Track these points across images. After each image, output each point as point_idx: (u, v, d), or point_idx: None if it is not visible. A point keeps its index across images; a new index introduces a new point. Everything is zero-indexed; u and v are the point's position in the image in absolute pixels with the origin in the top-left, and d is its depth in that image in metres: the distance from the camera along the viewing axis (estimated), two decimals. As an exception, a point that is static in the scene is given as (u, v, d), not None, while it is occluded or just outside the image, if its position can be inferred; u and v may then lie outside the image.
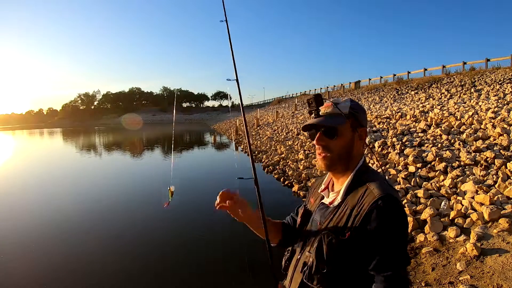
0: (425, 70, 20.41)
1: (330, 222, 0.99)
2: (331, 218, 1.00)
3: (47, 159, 16.19)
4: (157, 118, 72.26)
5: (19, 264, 4.09)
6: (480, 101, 9.49)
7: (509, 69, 14.08)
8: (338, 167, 1.03)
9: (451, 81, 15.62)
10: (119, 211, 6.35)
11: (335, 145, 1.01)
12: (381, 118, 10.42)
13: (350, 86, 28.18)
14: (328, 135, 1.01)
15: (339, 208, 0.99)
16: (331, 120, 1.01)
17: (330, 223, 0.99)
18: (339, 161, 1.03)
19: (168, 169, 11.50)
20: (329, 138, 1.01)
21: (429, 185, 4.55)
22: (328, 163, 1.02)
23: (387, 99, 16.21)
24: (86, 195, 7.68)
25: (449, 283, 2.63)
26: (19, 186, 9.05)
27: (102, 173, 11.22)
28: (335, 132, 1.01)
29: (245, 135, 1.22)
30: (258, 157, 11.07)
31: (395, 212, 0.89)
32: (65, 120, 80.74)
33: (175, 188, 1.15)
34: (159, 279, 3.59)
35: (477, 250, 2.83)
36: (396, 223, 0.89)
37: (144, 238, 4.84)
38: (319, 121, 1.02)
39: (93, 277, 3.71)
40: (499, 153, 4.99)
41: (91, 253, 4.35)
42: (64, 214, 6.10)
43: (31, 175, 11.11)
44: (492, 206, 3.41)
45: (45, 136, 36.85)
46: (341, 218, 0.96)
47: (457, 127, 7.13)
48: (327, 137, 1.01)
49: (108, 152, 18.17)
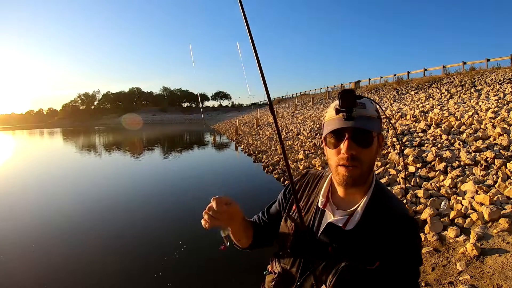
0: (425, 70, 20.41)
1: (349, 249, 0.83)
2: (349, 243, 0.84)
3: (47, 159, 16.19)
4: (157, 118, 72.22)
5: (19, 264, 4.09)
6: (480, 101, 9.49)
7: (509, 69, 14.08)
8: (362, 182, 0.88)
9: (451, 81, 15.62)
10: (119, 211, 6.35)
11: (367, 155, 0.84)
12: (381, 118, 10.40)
13: (350, 86, 28.19)
14: (363, 143, 0.83)
15: (357, 232, 0.85)
16: (368, 123, 0.83)
17: (349, 249, 0.83)
18: (366, 175, 0.87)
19: (168, 169, 11.50)
20: (362, 147, 0.83)
21: (429, 185, 4.55)
22: (357, 178, 0.85)
23: (387, 99, 16.21)
24: (86, 195, 7.68)
25: (449, 283, 2.63)
26: (19, 186, 9.05)
27: (102, 173, 11.22)
28: (371, 139, 0.84)
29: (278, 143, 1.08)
30: (258, 157, 11.07)
31: (418, 238, 0.86)
32: (65, 120, 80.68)
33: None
34: (159, 279, 3.59)
35: (477, 250, 2.83)
36: (420, 249, 0.87)
37: (144, 238, 4.84)
38: (356, 124, 0.81)
39: (93, 277, 3.71)
40: (499, 153, 4.99)
41: (91, 253, 4.35)
42: (64, 214, 6.10)
43: (31, 175, 11.11)
44: (492, 206, 3.41)
45: (45, 136, 36.85)
46: (362, 244, 0.83)
47: (457, 127, 7.13)
48: (360, 146, 0.83)
49: (108, 152, 18.16)
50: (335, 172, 0.87)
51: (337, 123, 0.83)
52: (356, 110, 0.82)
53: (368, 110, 0.85)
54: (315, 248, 0.89)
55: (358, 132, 0.82)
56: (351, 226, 0.86)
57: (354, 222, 0.86)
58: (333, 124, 0.85)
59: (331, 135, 0.85)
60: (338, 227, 0.87)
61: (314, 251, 0.88)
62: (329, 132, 0.85)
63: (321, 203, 0.94)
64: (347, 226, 0.86)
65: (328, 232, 0.88)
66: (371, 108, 0.86)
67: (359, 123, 0.82)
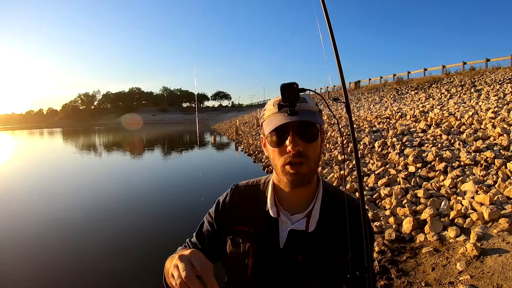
0: (425, 70, 20.44)
1: (321, 249, 0.82)
2: (316, 244, 0.82)
3: (47, 159, 16.19)
4: (157, 118, 72.30)
5: (19, 264, 4.09)
6: (480, 101, 9.49)
7: (509, 69, 14.09)
8: (310, 179, 0.82)
9: (451, 81, 15.63)
10: (119, 210, 6.35)
11: (313, 150, 0.80)
12: (381, 118, 10.42)
13: (350, 86, 28.19)
14: (308, 137, 0.78)
15: (320, 230, 0.83)
16: (312, 116, 0.78)
17: (322, 250, 0.82)
18: (314, 172, 0.82)
19: (168, 169, 11.51)
20: (308, 141, 0.78)
21: (429, 185, 4.55)
22: (306, 175, 0.80)
23: (387, 99, 16.21)
24: (86, 195, 7.69)
25: (449, 283, 2.63)
26: (19, 186, 9.06)
27: (102, 173, 11.22)
28: (317, 133, 0.80)
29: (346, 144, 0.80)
30: (258, 157, 11.08)
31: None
32: (65, 120, 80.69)
33: None
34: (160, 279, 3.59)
35: (477, 250, 2.84)
36: None
37: (144, 238, 4.85)
38: (300, 118, 0.76)
39: (93, 277, 3.71)
40: (499, 153, 4.99)
41: (91, 252, 4.35)
42: (64, 214, 6.10)
43: (31, 175, 11.11)
44: (492, 206, 3.41)
45: (45, 136, 36.85)
46: (329, 241, 0.83)
47: (457, 127, 7.13)
48: (306, 141, 0.78)
49: (108, 152, 18.17)
50: (282, 172, 0.80)
51: (280, 119, 0.76)
52: (299, 105, 0.77)
53: (310, 104, 0.80)
54: (283, 262, 0.82)
55: (303, 127, 0.77)
56: (313, 226, 0.82)
57: (315, 222, 0.83)
58: (275, 121, 0.77)
59: (274, 133, 0.78)
60: (301, 231, 0.82)
61: (283, 266, 0.82)
62: (272, 130, 0.78)
63: (273, 212, 0.85)
64: (309, 228, 0.82)
65: (291, 240, 0.82)
66: (312, 102, 0.81)
67: (304, 116, 0.76)
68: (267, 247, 0.84)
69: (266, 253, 0.83)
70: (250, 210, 0.88)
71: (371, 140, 7.69)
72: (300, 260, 0.81)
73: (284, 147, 0.78)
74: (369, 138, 7.89)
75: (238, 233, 0.87)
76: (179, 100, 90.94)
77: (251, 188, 0.94)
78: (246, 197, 0.92)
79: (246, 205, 0.89)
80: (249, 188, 0.94)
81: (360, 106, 16.13)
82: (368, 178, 5.47)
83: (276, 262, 0.83)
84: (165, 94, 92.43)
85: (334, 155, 7.61)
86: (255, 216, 0.87)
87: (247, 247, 0.85)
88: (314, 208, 0.85)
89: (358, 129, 9.70)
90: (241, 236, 0.87)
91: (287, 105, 0.76)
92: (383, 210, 4.27)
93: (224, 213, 0.92)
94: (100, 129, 47.62)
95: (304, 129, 0.77)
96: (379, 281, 2.81)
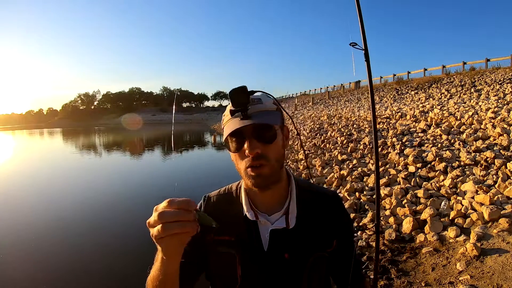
0: (425, 70, 20.43)
1: (306, 243, 0.83)
2: (302, 239, 0.83)
3: (46, 159, 16.19)
4: (157, 118, 72.22)
5: (19, 264, 4.09)
6: (480, 101, 9.49)
7: (509, 69, 14.08)
8: (276, 179, 0.82)
9: (451, 81, 15.62)
10: (120, 210, 6.35)
11: (273, 150, 0.79)
12: (381, 118, 10.42)
13: (350, 86, 28.19)
14: (265, 139, 0.77)
15: (301, 225, 0.83)
16: (267, 116, 0.78)
17: (306, 244, 0.83)
18: (278, 170, 0.82)
19: (168, 169, 11.50)
20: (266, 142, 0.77)
21: (429, 185, 4.55)
22: (269, 176, 0.78)
23: (387, 99, 16.21)
24: (86, 195, 7.68)
25: (449, 283, 2.63)
26: (19, 186, 9.05)
27: (102, 173, 11.22)
28: (274, 133, 0.79)
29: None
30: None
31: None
32: (65, 120, 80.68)
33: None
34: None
35: (477, 250, 2.83)
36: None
37: (144, 238, 4.84)
38: (254, 121, 0.75)
39: (93, 276, 3.71)
40: (499, 153, 4.99)
41: (91, 252, 4.35)
42: (63, 214, 6.09)
43: (31, 175, 11.11)
44: (492, 206, 3.41)
45: (45, 136, 36.85)
46: (312, 233, 0.84)
47: (457, 127, 7.13)
48: (263, 142, 0.77)
49: (107, 152, 18.17)
50: (245, 176, 0.80)
51: (234, 124, 0.76)
52: (252, 107, 0.77)
53: (265, 105, 0.79)
54: (271, 264, 0.82)
55: (258, 129, 0.76)
56: (293, 222, 0.83)
57: (294, 218, 0.83)
58: (231, 126, 0.77)
59: (232, 138, 0.78)
60: (282, 229, 0.82)
61: (271, 267, 0.82)
62: (228, 135, 0.78)
63: (250, 216, 0.84)
64: (290, 224, 0.83)
65: (274, 240, 0.82)
66: (268, 102, 0.80)
67: (258, 119, 0.76)
68: (252, 252, 0.83)
69: (252, 258, 0.83)
70: (227, 218, 0.86)
71: (371, 140, 7.69)
72: (287, 258, 0.82)
73: (243, 151, 0.77)
74: (369, 138, 7.89)
75: (220, 243, 0.86)
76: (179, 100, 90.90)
77: (223, 196, 0.94)
78: (221, 206, 0.91)
79: (222, 214, 0.86)
80: (221, 196, 0.94)
81: (360, 106, 16.13)
82: (368, 178, 5.47)
83: (263, 265, 0.82)
84: (165, 94, 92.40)
85: (334, 155, 7.61)
86: (233, 223, 0.85)
87: (233, 256, 0.84)
88: (291, 204, 0.85)
89: (358, 129, 9.71)
90: (224, 246, 0.85)
91: (238, 110, 0.76)
92: (383, 210, 4.26)
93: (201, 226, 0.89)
94: (100, 129, 47.61)
95: (260, 131, 0.77)
96: (379, 281, 2.81)
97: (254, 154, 0.76)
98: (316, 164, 7.40)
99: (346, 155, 7.32)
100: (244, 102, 0.76)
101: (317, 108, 21.48)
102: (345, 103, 19.86)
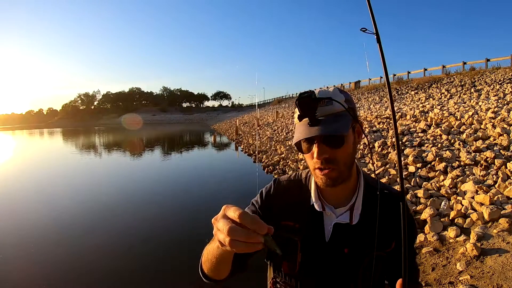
0: (425, 70, 20.43)
1: (366, 241, 0.83)
2: (363, 236, 0.83)
3: (47, 159, 16.19)
4: (157, 118, 72.26)
5: (19, 264, 4.08)
6: (480, 101, 9.49)
7: (509, 69, 14.08)
8: (344, 179, 0.82)
9: (451, 81, 15.63)
10: (120, 210, 6.34)
11: (342, 154, 0.78)
12: (381, 118, 10.42)
13: (350, 86, 28.19)
14: (334, 144, 0.77)
15: (363, 222, 0.84)
16: (336, 123, 0.76)
17: (366, 241, 0.83)
18: (347, 172, 0.82)
19: (168, 169, 11.50)
20: (334, 147, 0.77)
21: (429, 185, 4.55)
22: (336, 179, 0.79)
23: (387, 99, 16.20)
24: (86, 195, 7.68)
25: (449, 283, 2.63)
26: (19, 186, 9.05)
27: (102, 173, 11.21)
28: (343, 138, 0.77)
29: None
30: (259, 157, 11.08)
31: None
32: (65, 120, 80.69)
33: None
34: (160, 278, 3.59)
35: (477, 250, 2.84)
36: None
37: (144, 238, 4.84)
38: (323, 129, 0.74)
39: (93, 276, 3.71)
40: (499, 153, 4.99)
41: (91, 252, 4.35)
42: (64, 214, 6.09)
43: (31, 175, 11.11)
44: (492, 206, 3.41)
45: (45, 136, 36.85)
46: (372, 232, 0.82)
47: (457, 127, 7.13)
48: (332, 147, 0.77)
49: (108, 152, 18.17)
50: (314, 175, 0.83)
51: (303, 130, 0.77)
52: (320, 110, 0.76)
53: (335, 106, 0.76)
54: (330, 256, 0.83)
55: (330, 135, 0.76)
56: (357, 219, 0.84)
57: (358, 215, 0.84)
58: (300, 130, 0.78)
59: (301, 141, 0.80)
60: (345, 224, 0.84)
61: (330, 259, 0.83)
62: (298, 140, 0.79)
63: (318, 206, 0.86)
64: (353, 220, 0.83)
65: (337, 233, 0.84)
66: (340, 100, 0.77)
67: (326, 125, 0.75)
68: (313, 241, 0.84)
69: (313, 247, 0.84)
70: (294, 204, 0.88)
71: (371, 140, 7.69)
72: (346, 253, 0.83)
73: (313, 153, 0.78)
74: (369, 138, 7.89)
75: (284, 228, 0.87)
76: (179, 100, 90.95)
77: (293, 182, 0.94)
78: (290, 191, 0.92)
79: (290, 200, 0.89)
80: (291, 182, 0.94)
81: (360, 106, 16.13)
82: (368, 178, 5.46)
83: (323, 255, 0.84)
84: (165, 94, 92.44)
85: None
86: (300, 211, 0.87)
87: (295, 242, 0.85)
88: (357, 201, 0.85)
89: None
90: (288, 230, 0.87)
91: (306, 115, 0.76)
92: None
93: (269, 204, 0.92)
94: (100, 129, 47.60)
95: (328, 137, 0.76)
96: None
97: (322, 159, 0.77)
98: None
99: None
100: (311, 110, 0.75)
101: (317, 108, 21.44)
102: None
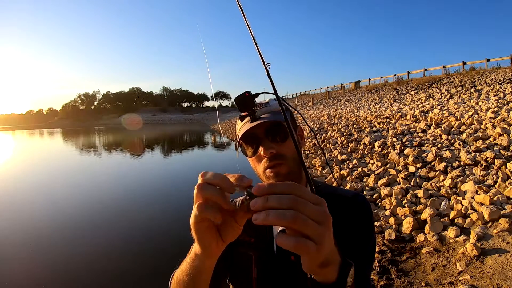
0: (425, 70, 20.46)
1: None
2: None
3: (47, 159, 16.19)
4: (157, 118, 72.30)
5: (19, 264, 4.09)
6: (480, 101, 9.49)
7: (509, 69, 14.09)
8: (294, 178, 0.78)
9: (451, 81, 15.63)
10: (119, 210, 6.35)
11: (288, 149, 0.78)
12: (381, 118, 10.42)
13: (350, 86, 28.20)
14: (278, 137, 0.77)
15: None
16: (276, 115, 0.77)
17: None
18: (296, 169, 0.79)
19: (168, 169, 11.49)
20: (279, 141, 0.77)
21: (429, 185, 4.55)
22: (287, 175, 0.77)
23: (387, 99, 16.21)
24: (86, 195, 7.68)
25: (449, 283, 2.63)
26: (19, 186, 9.05)
27: (102, 173, 11.21)
28: (286, 132, 0.77)
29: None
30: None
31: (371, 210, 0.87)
32: (65, 120, 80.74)
33: None
34: (160, 279, 3.59)
35: (477, 250, 2.84)
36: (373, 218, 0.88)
37: (144, 238, 4.84)
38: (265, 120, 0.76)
39: (93, 276, 3.71)
40: (499, 153, 4.99)
41: (91, 252, 4.35)
42: (63, 214, 6.10)
43: (31, 175, 11.11)
44: (492, 206, 3.41)
45: (45, 136, 36.84)
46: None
47: (457, 127, 7.13)
48: (277, 142, 0.77)
49: (108, 153, 18.17)
50: (265, 178, 0.80)
51: (245, 128, 0.78)
52: (259, 110, 0.78)
53: (272, 107, 0.80)
54: (279, 266, 0.81)
55: (269, 129, 0.77)
56: None
57: None
58: (242, 130, 0.79)
59: (247, 144, 0.80)
60: None
61: (280, 269, 0.81)
62: (243, 141, 0.79)
63: None
64: None
65: None
66: (275, 104, 0.80)
67: (267, 119, 0.76)
68: (264, 254, 0.83)
69: (264, 260, 0.82)
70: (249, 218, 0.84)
71: (371, 140, 7.69)
72: (293, 260, 0.80)
73: (259, 154, 0.78)
74: (369, 138, 7.89)
75: (241, 244, 0.85)
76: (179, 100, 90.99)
77: None
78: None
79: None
80: None
81: (360, 106, 16.13)
82: (368, 178, 5.47)
83: (273, 267, 0.82)
84: (165, 94, 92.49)
85: (334, 155, 7.61)
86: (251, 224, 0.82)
87: (250, 257, 0.83)
88: None
89: (358, 129, 9.70)
90: (243, 246, 0.85)
91: (246, 115, 0.78)
92: (383, 210, 4.27)
93: None
94: (100, 129, 47.61)
95: (272, 130, 0.77)
96: (379, 281, 2.82)
97: (270, 154, 0.76)
98: (316, 164, 7.40)
99: (346, 155, 7.32)
100: (250, 105, 0.75)
101: (317, 108, 21.47)
102: (345, 103, 19.86)
